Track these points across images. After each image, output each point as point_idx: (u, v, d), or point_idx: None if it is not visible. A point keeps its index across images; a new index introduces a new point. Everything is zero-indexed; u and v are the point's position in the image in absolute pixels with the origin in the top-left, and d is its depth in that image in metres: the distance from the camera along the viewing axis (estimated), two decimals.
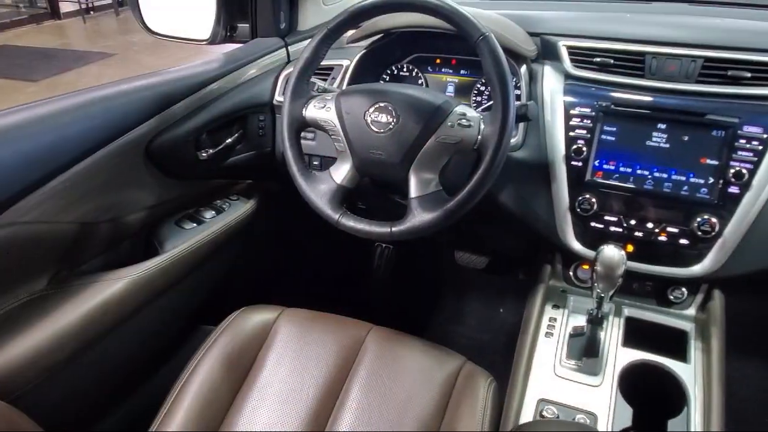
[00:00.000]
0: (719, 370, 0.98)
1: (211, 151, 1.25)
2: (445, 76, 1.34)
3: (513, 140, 1.12)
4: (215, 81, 1.24)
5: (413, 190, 0.99)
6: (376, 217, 1.02)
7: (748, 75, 1.00)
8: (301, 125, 1.07)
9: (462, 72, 1.32)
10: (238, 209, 1.37)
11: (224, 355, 1.07)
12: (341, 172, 1.06)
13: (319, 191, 1.04)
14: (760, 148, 0.97)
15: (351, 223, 1.01)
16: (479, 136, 0.95)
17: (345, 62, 1.29)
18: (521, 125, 1.13)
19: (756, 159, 0.97)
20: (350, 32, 1.30)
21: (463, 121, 0.96)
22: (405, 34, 1.25)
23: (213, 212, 1.32)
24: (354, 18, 1.02)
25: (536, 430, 0.74)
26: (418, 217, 0.97)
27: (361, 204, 1.43)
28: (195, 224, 1.28)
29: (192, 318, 1.41)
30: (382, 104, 0.99)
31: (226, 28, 1.43)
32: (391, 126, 0.98)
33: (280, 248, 1.77)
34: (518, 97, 1.15)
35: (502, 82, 0.91)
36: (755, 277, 1.03)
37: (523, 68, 1.14)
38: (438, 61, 1.34)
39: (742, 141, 0.98)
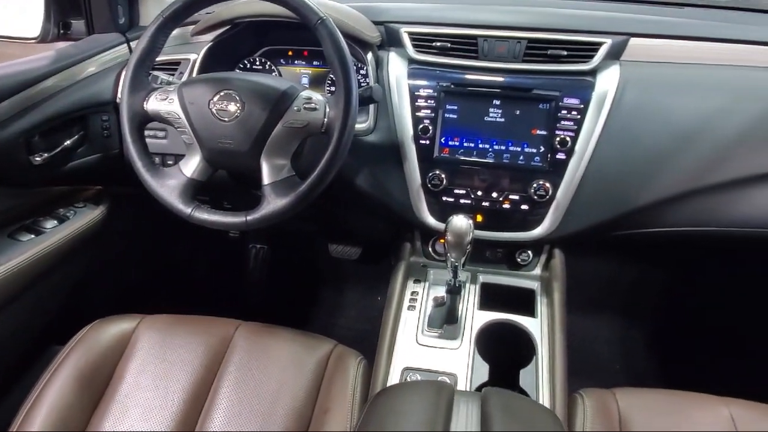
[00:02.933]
0: (561, 320, 1.08)
1: (46, 155, 1.15)
2: (299, 67, 1.34)
3: (364, 125, 1.16)
4: (46, 78, 1.14)
5: (266, 177, 0.98)
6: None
7: (565, 53, 1.11)
8: (144, 119, 1.02)
9: (315, 63, 1.33)
10: (85, 217, 1.27)
11: (77, 372, 1.00)
12: (191, 165, 1.02)
13: (168, 186, 1.00)
14: (579, 117, 1.08)
15: (204, 216, 0.98)
16: (325, 119, 0.97)
17: (192, 56, 1.25)
18: (371, 111, 1.16)
19: (576, 127, 1.08)
20: (195, 25, 1.26)
21: (309, 105, 0.97)
22: (254, 26, 1.24)
23: (55, 222, 1.22)
24: (190, 5, 0.99)
25: (394, 393, 0.76)
26: (272, 203, 0.96)
27: (227, 204, 1.40)
28: (33, 235, 1.17)
29: (41, 337, 1.28)
30: (226, 92, 0.98)
31: (58, 25, 1.32)
32: (237, 114, 0.97)
33: (139, 255, 1.67)
34: (366, 82, 1.18)
35: (342, 65, 0.93)
36: (588, 235, 1.15)
37: (369, 55, 1.18)
38: (290, 53, 1.34)
39: (564, 112, 1.09)
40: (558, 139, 1.09)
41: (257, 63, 1.35)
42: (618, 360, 1.68)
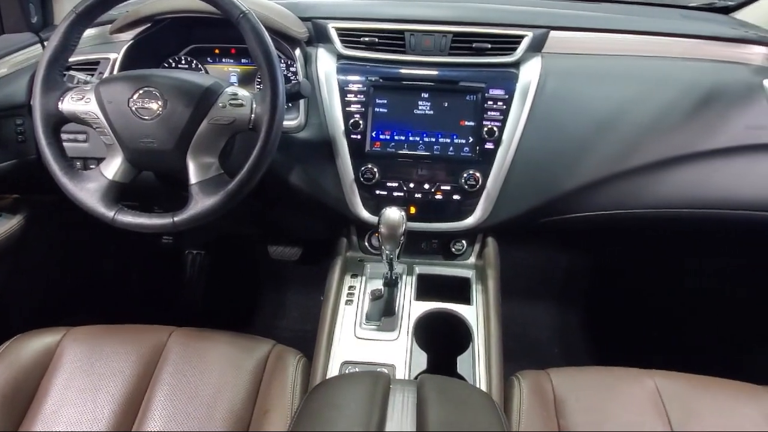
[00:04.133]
0: (495, 306, 1.11)
1: None
2: (227, 66, 1.32)
3: (295, 121, 1.15)
4: None
5: (193, 176, 0.95)
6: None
7: (489, 46, 1.14)
8: (59, 120, 0.97)
9: (243, 61, 1.31)
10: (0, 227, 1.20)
11: None
12: (112, 166, 0.98)
13: (89, 190, 0.96)
14: (504, 107, 1.11)
15: (129, 219, 0.95)
16: (252, 115, 0.95)
17: (112, 55, 1.20)
18: (302, 107, 1.15)
19: (502, 117, 1.11)
20: (114, 23, 1.21)
21: (235, 101, 0.95)
22: (177, 23, 1.20)
23: None
24: (103, 0, 0.95)
25: (330, 387, 0.76)
26: (200, 203, 0.94)
27: (158, 209, 1.35)
28: None
29: None
30: (146, 89, 0.95)
31: None
32: (159, 112, 0.94)
33: (63, 266, 1.59)
34: (295, 79, 1.17)
35: (267, 59, 0.92)
36: (519, 222, 1.18)
37: (298, 51, 1.17)
38: (217, 51, 1.31)
39: (490, 102, 1.12)
40: (485, 129, 1.11)
41: (183, 62, 1.31)
42: (556, 343, 1.74)
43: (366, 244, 1.27)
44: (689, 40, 1.20)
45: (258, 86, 1.29)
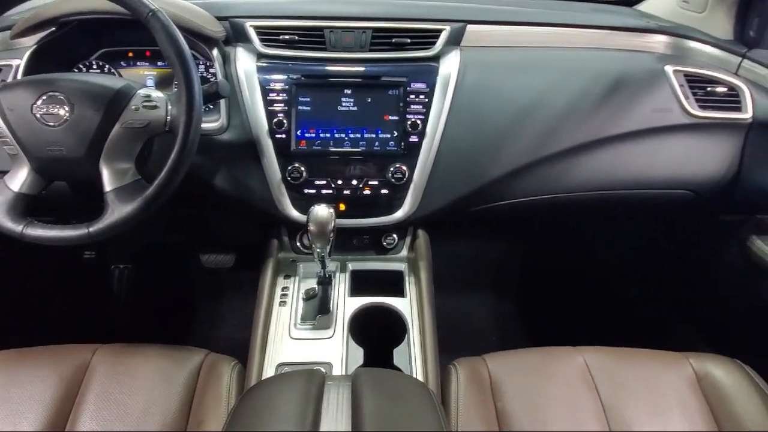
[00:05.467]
0: (429, 297, 1.13)
1: None
2: (142, 69, 1.26)
3: (216, 123, 1.12)
4: None
5: (107, 184, 0.91)
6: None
7: (409, 41, 1.15)
8: None
9: (159, 64, 1.26)
10: None
11: None
12: (18, 178, 0.92)
13: None
14: (426, 100, 1.13)
15: (39, 232, 0.89)
16: (168, 117, 0.92)
17: (15, 62, 1.12)
18: (223, 108, 1.12)
19: (425, 110, 1.13)
20: (14, 27, 1.14)
21: (149, 103, 0.92)
22: (86, 26, 1.15)
23: None
24: None
25: (262, 389, 0.74)
26: (117, 211, 0.89)
27: (75, 222, 1.28)
28: None
29: None
30: (50, 94, 0.89)
31: None
32: (66, 117, 0.89)
33: None
34: (215, 79, 1.14)
35: (180, 58, 0.89)
36: (448, 212, 1.20)
37: (215, 51, 1.14)
38: (131, 54, 1.26)
39: (412, 96, 1.13)
40: (409, 122, 1.12)
41: (94, 66, 1.25)
42: (494, 331, 1.79)
43: (298, 244, 1.26)
44: (598, 31, 1.27)
45: (176, 89, 1.25)
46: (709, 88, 1.19)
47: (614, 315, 1.72)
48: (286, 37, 1.14)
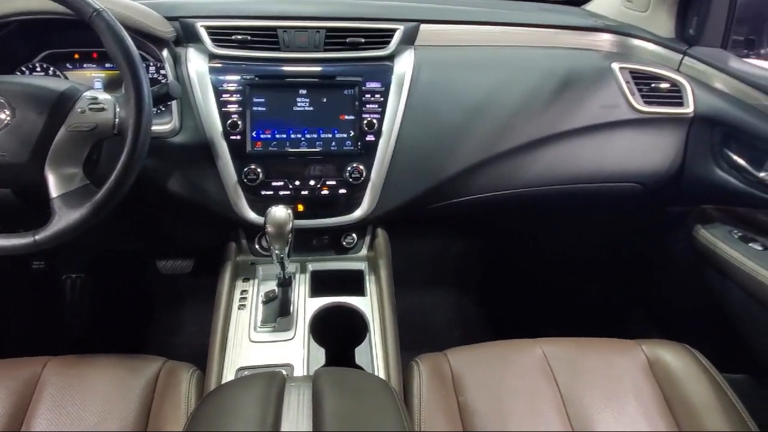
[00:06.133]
0: (389, 295, 1.13)
1: None
2: (89, 71, 1.23)
3: (168, 126, 1.09)
4: None
5: (54, 189, 0.88)
6: None
7: (363, 40, 1.15)
8: None
9: (107, 66, 1.23)
10: None
11: None
12: None
13: None
14: (382, 100, 1.13)
15: None
16: (117, 120, 0.90)
17: None
18: (175, 111, 1.10)
19: (381, 110, 1.14)
20: None
21: (96, 105, 0.89)
22: (28, 27, 1.10)
23: None
24: None
25: (221, 393, 0.73)
26: (65, 217, 0.86)
27: (23, 231, 1.23)
28: None
29: None
30: None
31: None
32: (7, 121, 0.86)
33: None
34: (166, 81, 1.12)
35: (127, 59, 0.87)
36: (406, 210, 1.21)
37: (165, 51, 1.11)
38: (77, 56, 1.22)
39: (368, 96, 1.13)
40: (365, 122, 1.13)
41: (38, 69, 1.20)
42: (456, 327, 1.81)
43: (256, 246, 1.24)
44: (548, 30, 1.30)
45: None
46: (653, 85, 1.24)
47: (571, 306, 1.77)
48: (239, 37, 1.13)
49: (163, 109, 1.11)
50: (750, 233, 1.22)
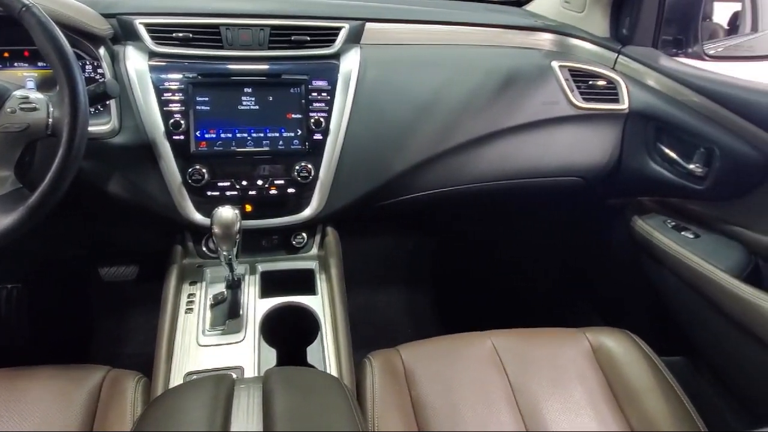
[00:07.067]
0: (340, 293, 1.13)
1: None
2: (20, 70, 1.16)
3: (107, 126, 1.06)
4: None
5: None
6: None
7: (308, 38, 1.15)
8: None
9: (40, 64, 1.17)
10: None
11: None
12: None
13: None
14: (328, 98, 1.13)
15: None
16: (50, 119, 0.86)
17: None
18: (114, 110, 1.07)
19: (328, 108, 1.13)
20: None
21: (27, 105, 0.85)
22: None
23: None
24: None
25: (167, 399, 0.71)
26: None
27: None
28: None
29: None
30: None
31: None
32: None
33: None
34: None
35: (60, 56, 0.83)
36: (356, 208, 1.21)
37: (102, 50, 1.07)
38: (6, 54, 1.16)
39: (315, 94, 1.13)
40: (312, 120, 1.12)
41: None
42: (409, 323, 1.82)
43: (204, 248, 1.21)
44: (491, 29, 1.33)
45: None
46: (590, 82, 1.29)
47: (520, 299, 1.82)
48: (180, 35, 1.10)
49: (101, 109, 1.07)
50: (682, 222, 1.28)
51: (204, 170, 1.09)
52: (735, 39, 1.49)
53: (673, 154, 1.24)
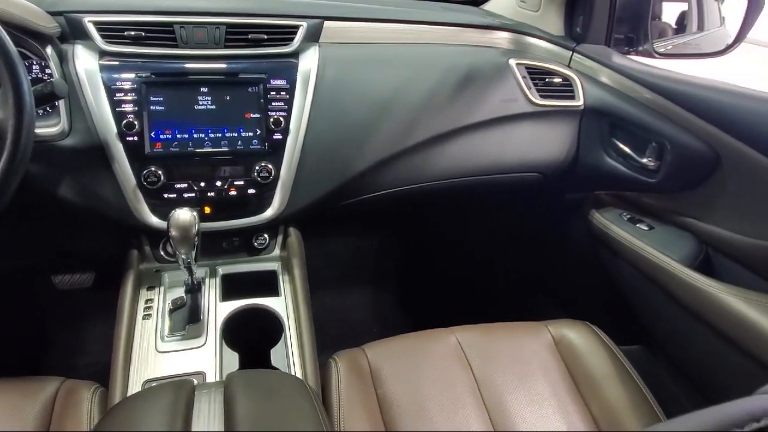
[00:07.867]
0: (303, 293, 1.12)
1: None
2: None
3: (56, 128, 1.02)
4: None
5: None
6: None
7: (266, 37, 1.13)
8: None
9: None
10: None
11: None
12: None
13: None
14: (288, 97, 1.12)
15: None
16: None
17: None
18: (63, 112, 1.03)
19: (287, 107, 1.12)
20: None
21: None
22: None
23: None
24: None
25: (124, 408, 0.69)
26: None
27: None
28: None
29: None
30: None
31: None
32: None
33: None
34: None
35: (2, 54, 0.80)
36: (318, 208, 1.20)
37: (49, 49, 1.03)
38: None
39: (273, 93, 1.11)
40: (272, 120, 1.11)
41: None
42: (375, 322, 1.82)
43: (161, 252, 1.18)
44: (449, 28, 1.34)
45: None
46: (547, 79, 1.32)
47: (484, 294, 1.84)
48: (132, 33, 1.07)
49: (49, 110, 1.04)
50: (637, 215, 1.32)
51: (160, 172, 1.06)
52: (683, 37, 1.54)
53: (626, 149, 1.27)
